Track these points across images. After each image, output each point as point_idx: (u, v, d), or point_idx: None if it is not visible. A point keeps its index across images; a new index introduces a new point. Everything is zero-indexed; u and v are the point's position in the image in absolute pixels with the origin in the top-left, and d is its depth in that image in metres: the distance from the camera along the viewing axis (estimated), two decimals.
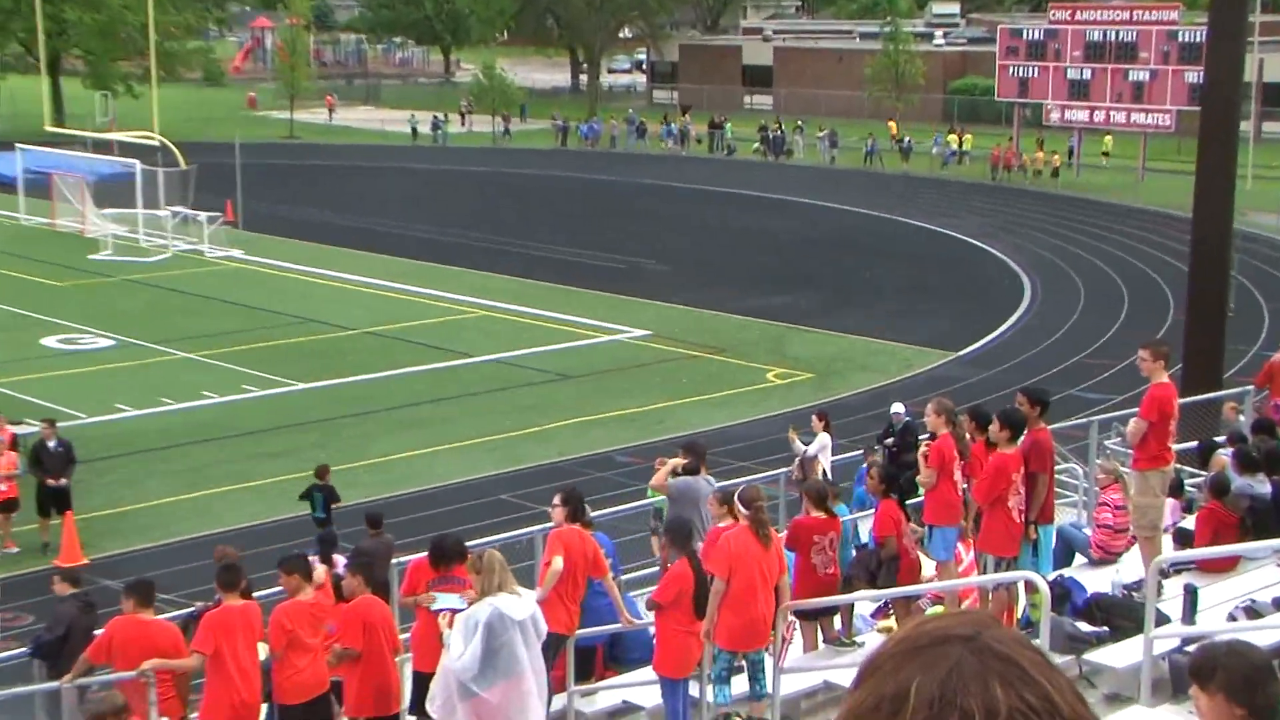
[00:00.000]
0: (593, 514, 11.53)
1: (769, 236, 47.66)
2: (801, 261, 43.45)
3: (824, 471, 18.17)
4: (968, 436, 11.48)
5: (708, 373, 30.67)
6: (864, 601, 11.82)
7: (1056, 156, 58.65)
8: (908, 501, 11.91)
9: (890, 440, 19.87)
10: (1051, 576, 10.97)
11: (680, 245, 45.73)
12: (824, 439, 19.20)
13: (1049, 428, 11.39)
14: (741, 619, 9.79)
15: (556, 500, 10.55)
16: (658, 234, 47.84)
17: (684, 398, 28.78)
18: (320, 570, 12.15)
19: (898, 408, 20.56)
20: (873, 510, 12.37)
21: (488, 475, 24.13)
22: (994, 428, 11.13)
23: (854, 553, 11.97)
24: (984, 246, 45.69)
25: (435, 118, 75.50)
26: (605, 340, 33.54)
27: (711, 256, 44.07)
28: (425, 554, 10.65)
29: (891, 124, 69.62)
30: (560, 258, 43.27)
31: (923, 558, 11.92)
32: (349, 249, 44.78)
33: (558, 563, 9.84)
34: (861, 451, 19.82)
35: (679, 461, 12.87)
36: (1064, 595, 10.94)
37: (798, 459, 18.77)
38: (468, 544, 13.54)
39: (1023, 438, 11.24)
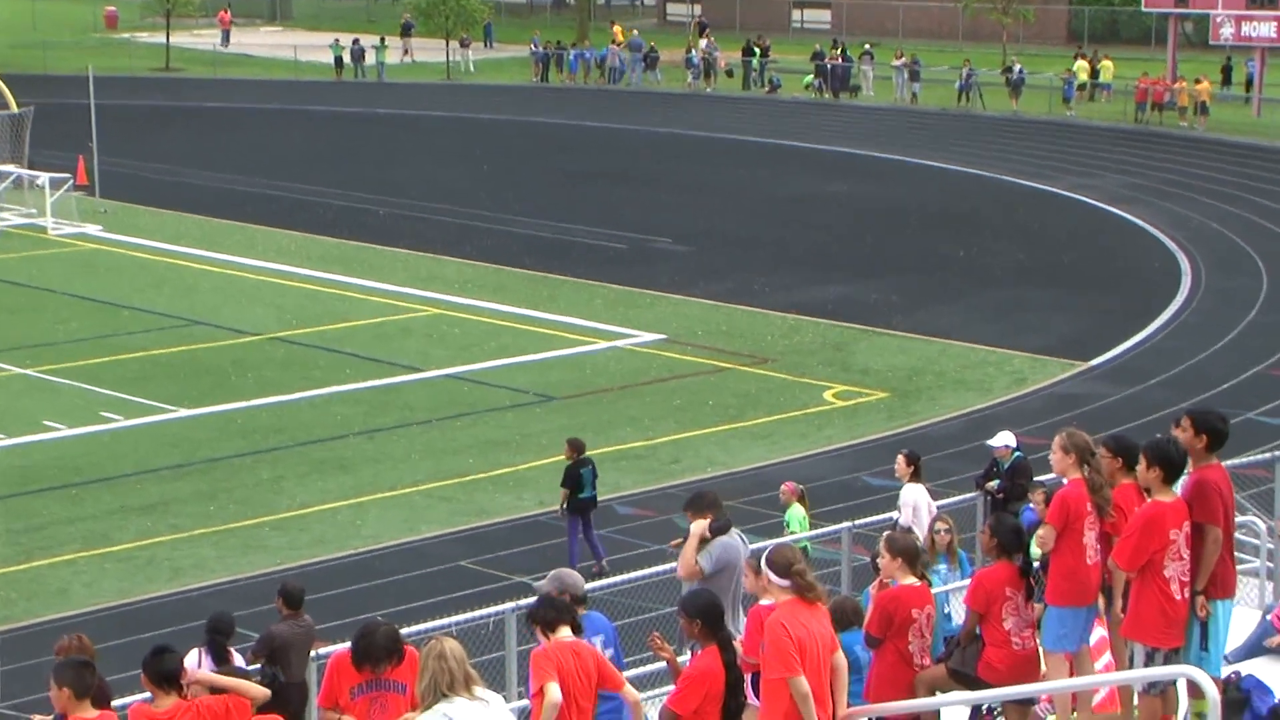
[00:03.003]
0: (586, 586, 11.42)
1: (826, 204, 47.69)
2: (871, 239, 43.42)
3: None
4: (1106, 480, 11.34)
5: (742, 392, 30.58)
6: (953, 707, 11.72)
7: (1228, 89, 58.65)
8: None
9: (995, 484, 19.85)
10: (1225, 674, 10.79)
11: (705, 217, 45.73)
12: (916, 494, 18.92)
13: (1222, 464, 11.28)
14: None
15: (528, 620, 10.46)
16: (674, 202, 47.89)
17: (709, 426, 28.65)
18: (199, 673, 12.05)
19: (1005, 439, 20.47)
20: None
21: (440, 534, 24.04)
22: (1142, 467, 11.02)
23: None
24: (1125, 216, 45.71)
25: (356, 43, 74.63)
26: (602, 348, 33.45)
27: (747, 232, 44.05)
28: (348, 647, 10.56)
29: (1001, 48, 69.70)
30: (541, 235, 43.25)
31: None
32: (248, 224, 44.82)
33: (554, 692, 9.72)
34: (978, 494, 19.76)
35: (703, 526, 12.79)
36: (1242, 702, 10.75)
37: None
38: (411, 630, 13.62)
39: (1184, 480, 11.13)
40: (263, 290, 38.00)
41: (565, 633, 9.97)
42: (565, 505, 22.39)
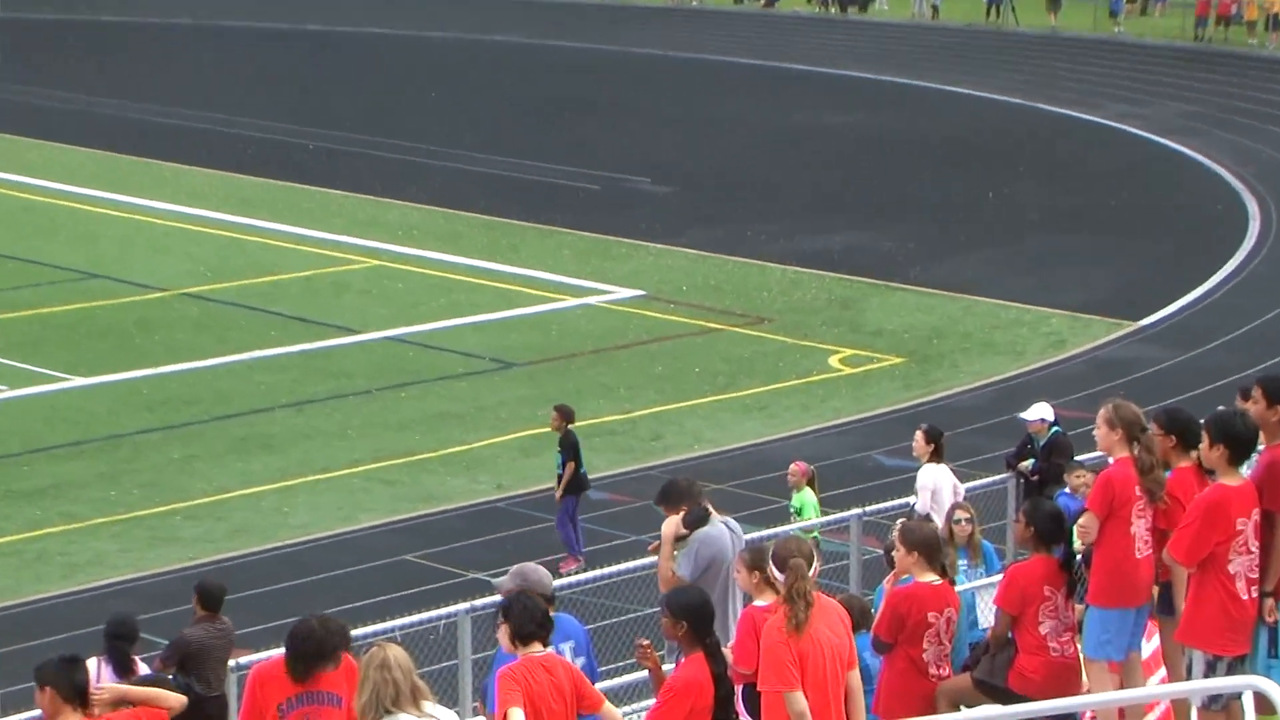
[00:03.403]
0: (553, 584, 11.43)
1: (832, 137, 47.67)
2: (885, 177, 43.44)
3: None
4: (1159, 460, 11.36)
5: (735, 357, 30.59)
6: None
7: None
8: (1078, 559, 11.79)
9: (1028, 464, 19.89)
10: None
11: (690, 153, 45.66)
12: (936, 476, 18.81)
13: None
14: None
15: (500, 616, 10.44)
16: (655, 136, 47.79)
17: (695, 397, 28.66)
18: (108, 686, 12.04)
19: (1040, 412, 20.44)
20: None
21: (381, 524, 24.01)
22: (1204, 445, 11.03)
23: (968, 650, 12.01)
24: (1182, 149, 45.78)
25: None
26: (571, 305, 33.45)
27: (740, 171, 44.00)
28: (280, 654, 10.55)
29: None
30: (500, 174, 43.15)
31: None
32: (157, 160, 44.66)
33: (516, 717, 9.77)
34: (1010, 475, 19.77)
35: (675, 523, 12.80)
36: None
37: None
38: (351, 635, 13.67)
39: (1254, 460, 11.14)
40: (173, 238, 37.84)
41: (537, 647, 10.01)
42: (564, 484, 22.17)
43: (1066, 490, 16.75)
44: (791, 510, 19.76)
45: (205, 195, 41.22)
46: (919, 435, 19.15)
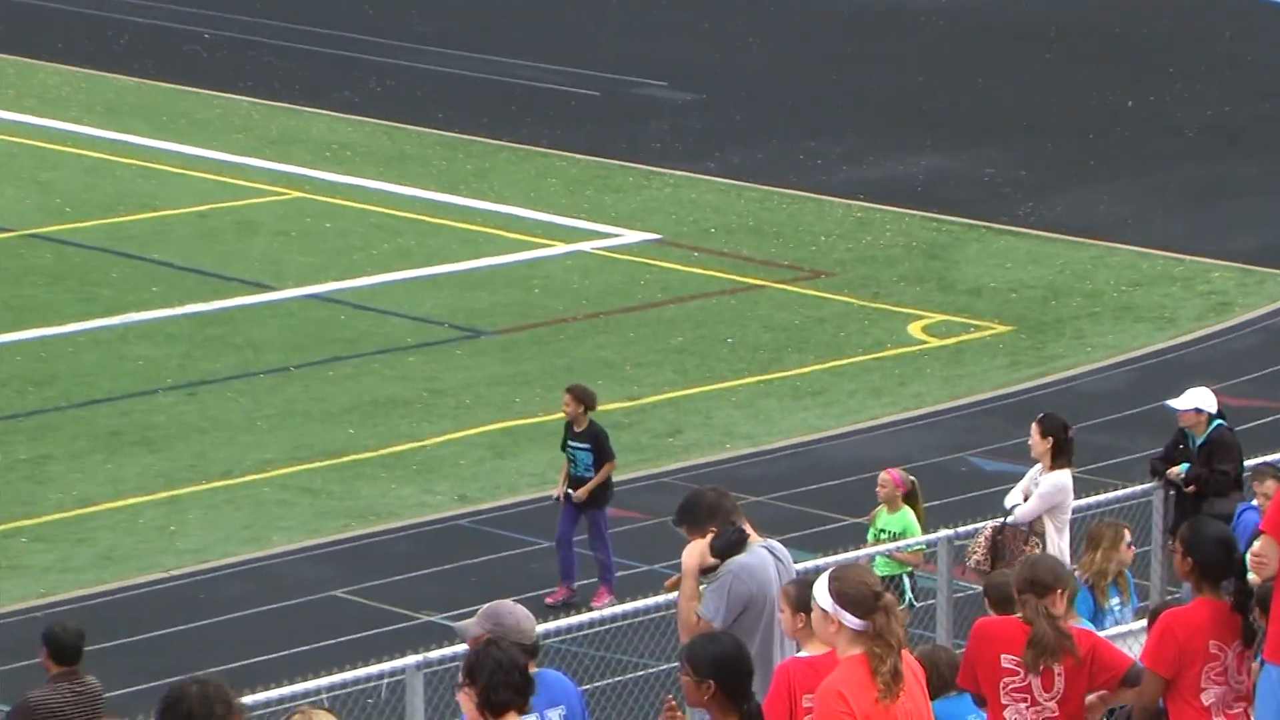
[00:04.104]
0: (536, 630, 11.43)
1: (912, 23, 47.76)
2: (983, 80, 43.54)
3: (1055, 548, 18.14)
4: None
5: (781, 324, 30.68)
6: None
7: None
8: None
9: (1180, 469, 19.89)
10: None
11: (720, 46, 45.69)
12: (1062, 483, 19.02)
13: None
14: None
15: (463, 676, 10.45)
16: (672, 22, 47.82)
17: (727, 378, 28.76)
18: None
19: (1197, 399, 20.50)
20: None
21: (301, 548, 24.08)
22: None
23: None
24: None
25: None
26: (559, 253, 33.62)
27: (787, 70, 44.05)
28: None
29: None
30: (463, 74, 43.38)
31: None
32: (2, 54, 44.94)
33: None
34: (1157, 484, 19.81)
35: (701, 549, 12.73)
36: None
37: (988, 531, 18.80)
38: (258, 698, 13.54)
39: None
40: (18, 160, 38.09)
41: (513, 717, 10.10)
42: (566, 489, 22.31)
43: (1253, 503, 16.76)
44: (876, 535, 19.79)
45: (61, 100, 41.57)
46: (1034, 429, 19.35)
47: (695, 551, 12.77)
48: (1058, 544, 18.54)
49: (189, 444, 26.56)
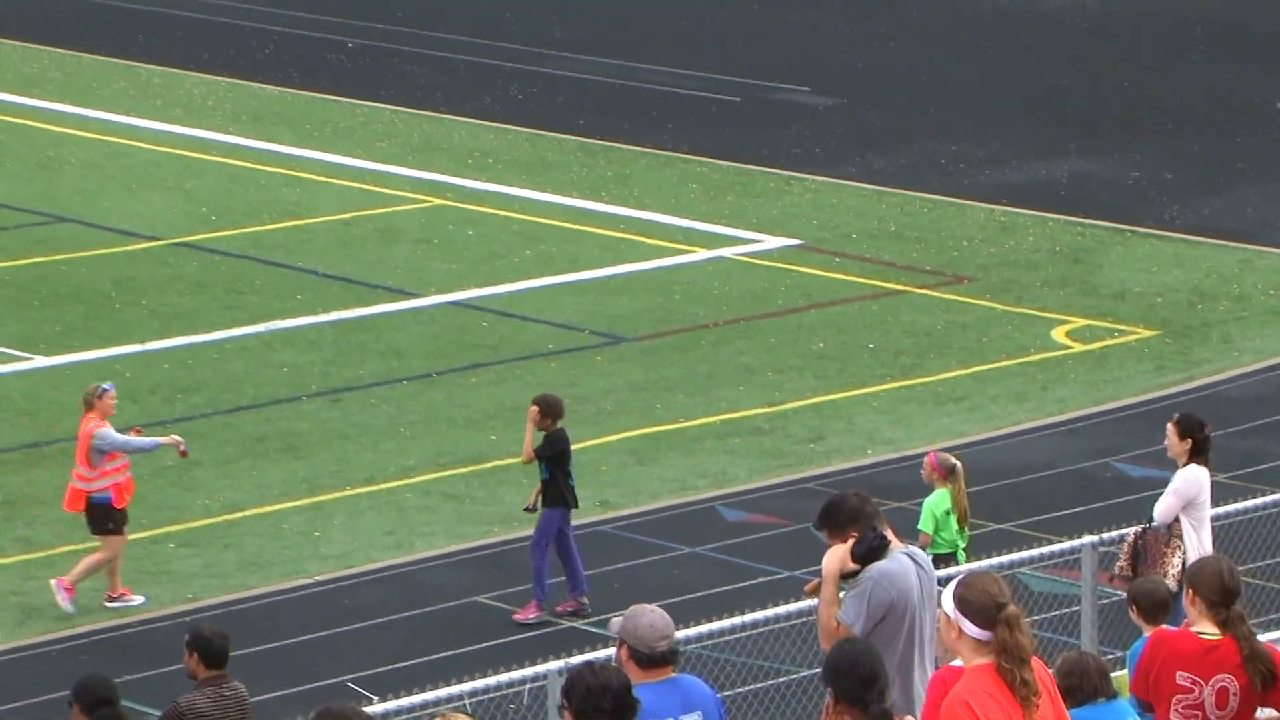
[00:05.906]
0: (678, 635, 11.45)
1: (1055, 24, 47.46)
2: (1130, 80, 43.18)
3: (1183, 555, 18.13)
4: None
5: (923, 329, 30.65)
6: None
7: None
8: None
9: None
10: None
11: (861, 52, 45.64)
12: (1196, 478, 18.93)
13: None
14: None
15: (561, 696, 10.48)
16: (815, 26, 47.68)
17: (869, 384, 28.72)
18: None
19: None
20: None
21: (443, 554, 24.17)
22: None
23: None
24: None
25: None
26: (700, 260, 33.61)
27: (930, 73, 43.98)
28: None
29: None
30: (603, 81, 43.38)
31: None
32: (138, 63, 45.05)
33: None
34: None
35: (842, 554, 12.66)
36: None
37: (1131, 536, 18.70)
38: (396, 705, 13.69)
39: None
40: (164, 169, 38.23)
41: None
42: (540, 497, 22.48)
43: None
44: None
45: (205, 109, 41.71)
46: (1171, 430, 19.27)
47: (836, 556, 12.65)
48: (1196, 541, 18.43)
49: (332, 450, 26.79)
